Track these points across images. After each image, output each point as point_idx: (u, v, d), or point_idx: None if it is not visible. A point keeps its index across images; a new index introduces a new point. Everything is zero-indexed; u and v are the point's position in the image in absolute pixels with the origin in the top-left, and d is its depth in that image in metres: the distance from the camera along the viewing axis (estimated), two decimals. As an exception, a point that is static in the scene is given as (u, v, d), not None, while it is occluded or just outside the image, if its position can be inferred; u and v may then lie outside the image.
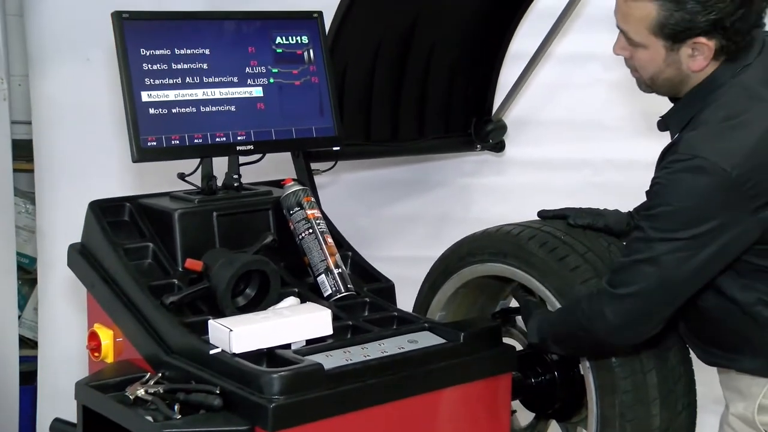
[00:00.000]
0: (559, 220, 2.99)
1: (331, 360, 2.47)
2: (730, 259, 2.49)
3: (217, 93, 2.93)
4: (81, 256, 2.88)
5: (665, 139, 2.67)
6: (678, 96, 2.62)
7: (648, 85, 2.62)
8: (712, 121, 2.48)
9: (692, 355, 2.84)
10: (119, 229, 2.87)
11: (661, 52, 2.51)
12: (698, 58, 2.50)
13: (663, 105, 2.70)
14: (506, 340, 2.84)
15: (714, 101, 2.51)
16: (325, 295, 2.83)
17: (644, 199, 2.98)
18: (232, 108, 2.95)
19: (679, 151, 2.45)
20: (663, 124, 2.68)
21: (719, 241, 2.43)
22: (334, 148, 3.20)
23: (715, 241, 2.43)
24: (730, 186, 2.39)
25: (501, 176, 4.20)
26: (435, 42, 3.72)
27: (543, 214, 3.06)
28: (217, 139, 2.91)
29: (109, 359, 2.78)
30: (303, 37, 3.09)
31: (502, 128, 4.05)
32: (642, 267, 2.48)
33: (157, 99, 2.83)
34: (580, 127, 4.03)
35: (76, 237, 2.94)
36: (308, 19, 3.12)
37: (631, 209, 3.03)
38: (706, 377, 2.86)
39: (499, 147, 4.10)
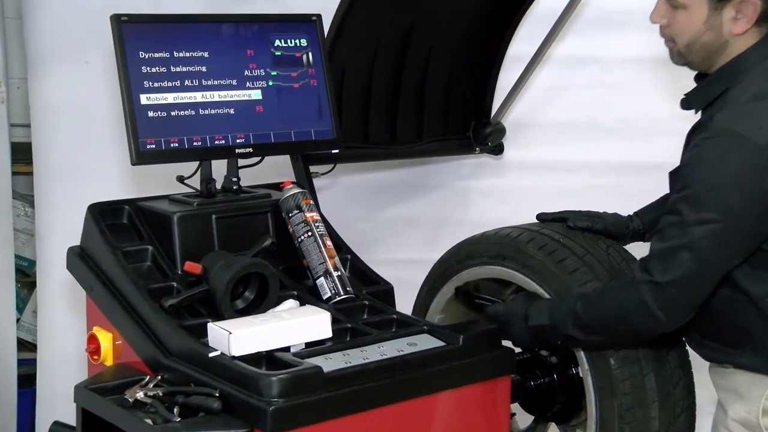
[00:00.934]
0: (558, 223, 2.98)
1: (330, 363, 2.46)
2: (764, 238, 2.47)
3: (216, 96, 2.93)
4: (80, 259, 2.87)
5: (665, 140, 2.68)
6: (707, 72, 2.60)
7: (683, 54, 2.59)
8: (740, 100, 2.48)
9: (691, 357, 2.84)
10: (118, 232, 2.86)
11: (703, 14, 2.50)
12: (741, 21, 2.49)
13: (664, 105, 2.70)
14: (505, 343, 2.84)
15: (741, 81, 2.50)
16: (324, 297, 2.82)
17: (644, 202, 2.99)
18: (231, 111, 2.94)
19: (710, 129, 2.44)
20: (686, 102, 2.66)
21: (752, 217, 2.42)
22: (333, 151, 3.20)
23: (748, 219, 2.42)
24: (766, 161, 2.38)
25: (500, 179, 4.20)
26: (433, 45, 3.72)
27: (542, 217, 3.05)
28: (216, 142, 2.91)
29: (108, 362, 2.77)
30: (302, 40, 3.09)
31: (501, 131, 4.04)
32: (680, 254, 2.45)
33: (156, 102, 2.83)
34: (578, 130, 4.03)
35: (75, 240, 2.93)
36: (307, 22, 3.12)
37: (632, 213, 3.02)
38: (705, 379, 2.86)
39: (497, 150, 4.09)
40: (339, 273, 2.85)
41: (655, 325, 2.53)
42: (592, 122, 4.00)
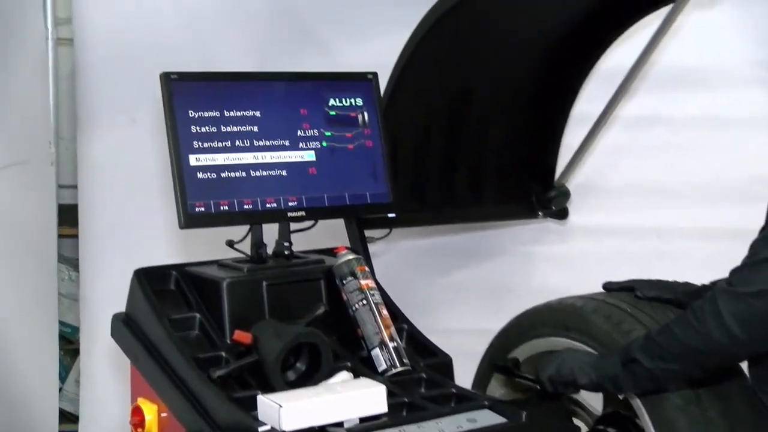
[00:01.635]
0: (626, 293, 2.91)
1: (386, 440, 2.42)
2: None
3: (268, 157, 2.90)
4: (125, 327, 2.84)
5: (737, 205, 2.59)
6: None
7: None
8: None
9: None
10: (165, 298, 2.83)
11: None
12: None
13: (734, 168, 2.62)
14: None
15: None
16: (380, 369, 2.76)
17: (716, 270, 2.86)
18: (283, 173, 2.91)
19: None
20: None
21: None
22: (389, 215, 3.14)
23: None
24: None
25: (564, 245, 4.15)
26: (493, 104, 3.70)
27: (608, 287, 2.97)
28: (267, 205, 2.88)
29: (153, 436, 2.75)
30: (357, 99, 3.06)
31: (565, 194, 4.00)
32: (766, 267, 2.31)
33: (205, 163, 2.80)
34: (646, 193, 3.96)
35: (121, 306, 2.90)
36: (363, 81, 3.09)
37: (705, 282, 2.89)
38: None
39: (562, 214, 4.04)
40: (395, 344, 2.79)
41: (730, 341, 2.34)
42: (660, 186, 3.93)
